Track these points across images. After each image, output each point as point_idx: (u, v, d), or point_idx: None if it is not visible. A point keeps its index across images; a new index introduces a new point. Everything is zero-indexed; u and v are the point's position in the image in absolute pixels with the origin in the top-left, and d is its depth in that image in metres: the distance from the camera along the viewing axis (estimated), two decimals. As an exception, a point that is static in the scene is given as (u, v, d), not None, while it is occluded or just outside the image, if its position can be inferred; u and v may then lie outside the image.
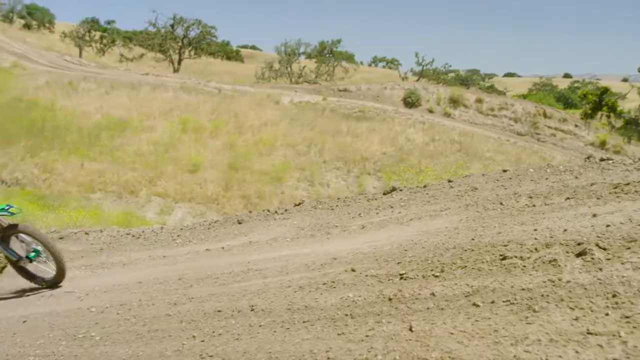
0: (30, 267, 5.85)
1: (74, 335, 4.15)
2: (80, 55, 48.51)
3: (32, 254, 5.78)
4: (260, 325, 3.57)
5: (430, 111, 29.99)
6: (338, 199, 7.84)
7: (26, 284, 5.87)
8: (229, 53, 69.09)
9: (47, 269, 5.85)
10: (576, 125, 30.40)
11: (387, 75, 52.56)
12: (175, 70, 49.05)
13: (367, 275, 3.95)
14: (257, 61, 55.39)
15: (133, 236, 8.08)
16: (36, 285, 5.93)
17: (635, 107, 19.59)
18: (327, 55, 50.45)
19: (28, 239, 5.80)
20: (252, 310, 3.86)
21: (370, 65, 68.17)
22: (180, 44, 52.03)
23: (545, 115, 30.81)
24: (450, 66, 57.34)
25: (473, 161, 19.99)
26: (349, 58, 56.55)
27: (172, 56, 52.23)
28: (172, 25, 51.61)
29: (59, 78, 26.66)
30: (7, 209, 5.71)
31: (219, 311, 4.00)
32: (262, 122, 22.74)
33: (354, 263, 4.36)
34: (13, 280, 5.87)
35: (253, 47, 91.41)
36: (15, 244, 5.82)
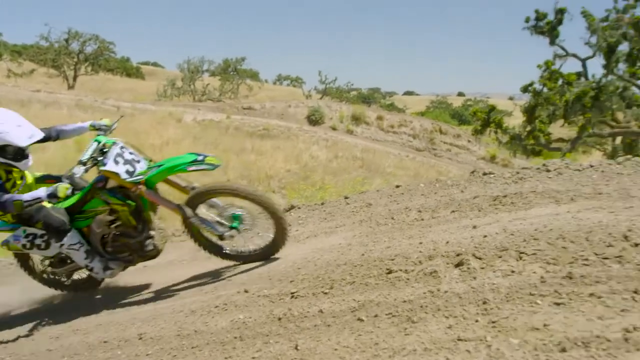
0: (232, 240, 4.59)
1: (-61, 379, 3.78)
2: (-40, 71, 44.78)
3: (235, 222, 4.44)
4: (147, 355, 3.44)
5: (334, 128, 30.64)
6: (237, 218, 7.75)
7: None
8: (128, 70, 66.63)
9: (255, 237, 4.66)
10: (469, 141, 32.36)
11: (292, 93, 53.04)
12: (70, 87, 46.43)
13: (259, 296, 3.94)
14: (159, 78, 53.77)
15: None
16: (237, 263, 4.74)
17: (519, 123, 21.20)
18: (232, 73, 50.11)
19: (219, 202, 4.44)
20: (141, 338, 3.72)
21: (274, 83, 68.45)
22: (75, 59, 49.35)
23: (441, 132, 32.54)
24: (352, 84, 58.57)
25: (375, 177, 20.57)
26: (254, 76, 56.57)
27: (66, 72, 49.37)
28: (66, 40, 48.88)
29: None
30: (202, 159, 4.15)
31: (105, 342, 3.81)
32: (163, 141, 22.01)
33: (248, 284, 4.33)
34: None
35: (155, 64, 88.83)
36: (201, 212, 4.53)
